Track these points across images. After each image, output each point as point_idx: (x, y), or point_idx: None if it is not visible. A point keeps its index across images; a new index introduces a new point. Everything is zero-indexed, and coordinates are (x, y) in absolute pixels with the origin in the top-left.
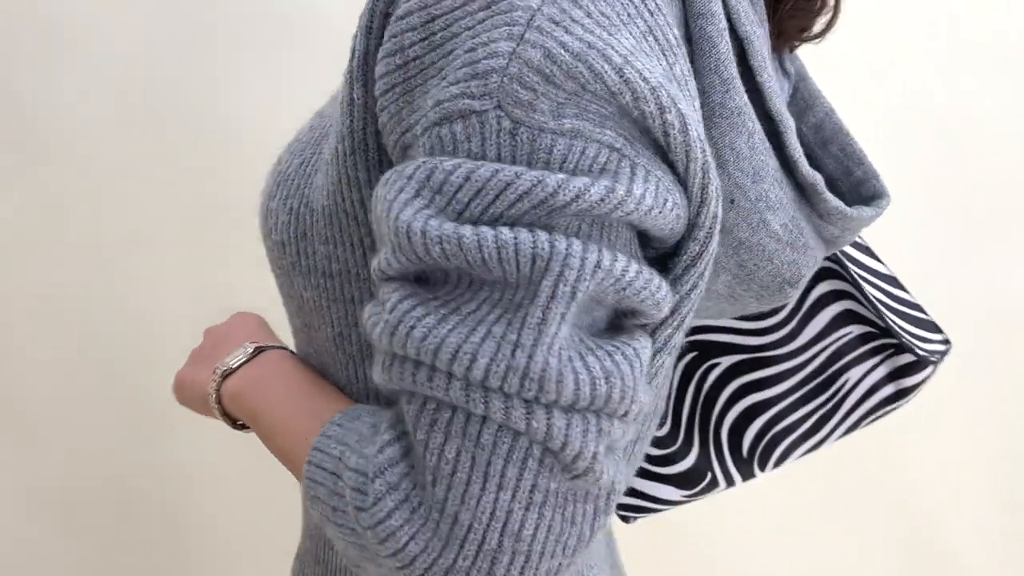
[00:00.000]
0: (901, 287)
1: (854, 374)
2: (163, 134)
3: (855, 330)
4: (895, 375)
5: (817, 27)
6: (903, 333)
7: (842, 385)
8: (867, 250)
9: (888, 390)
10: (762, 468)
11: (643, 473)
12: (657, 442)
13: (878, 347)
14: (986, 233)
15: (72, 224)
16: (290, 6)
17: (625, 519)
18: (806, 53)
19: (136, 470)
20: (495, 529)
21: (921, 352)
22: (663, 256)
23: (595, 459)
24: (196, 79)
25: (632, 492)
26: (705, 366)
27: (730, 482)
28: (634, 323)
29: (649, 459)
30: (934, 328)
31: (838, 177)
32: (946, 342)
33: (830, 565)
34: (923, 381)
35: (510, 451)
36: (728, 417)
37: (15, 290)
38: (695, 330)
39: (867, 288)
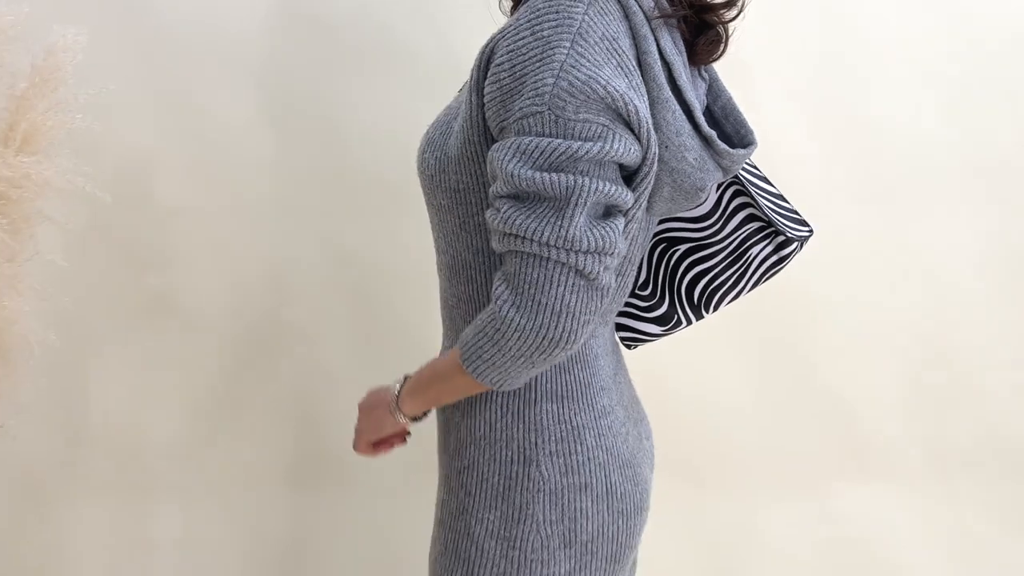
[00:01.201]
0: (785, 200)
1: (755, 251)
2: (300, 134)
3: (755, 225)
4: (777, 249)
5: (715, 56)
6: (780, 222)
7: (748, 257)
8: (765, 179)
9: (773, 259)
10: (707, 311)
11: (636, 317)
12: (644, 299)
13: (767, 234)
14: (887, 193)
15: (229, 195)
16: (393, 43)
17: (628, 346)
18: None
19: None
20: (556, 303)
21: (790, 234)
22: (630, 176)
23: (599, 273)
24: (325, 92)
25: (631, 329)
26: (671, 251)
27: (689, 321)
28: (616, 211)
29: (640, 308)
30: (803, 223)
31: (733, 134)
32: (811, 231)
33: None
34: (792, 253)
35: (561, 272)
36: (685, 280)
37: (190, 248)
38: (664, 230)
39: (762, 200)
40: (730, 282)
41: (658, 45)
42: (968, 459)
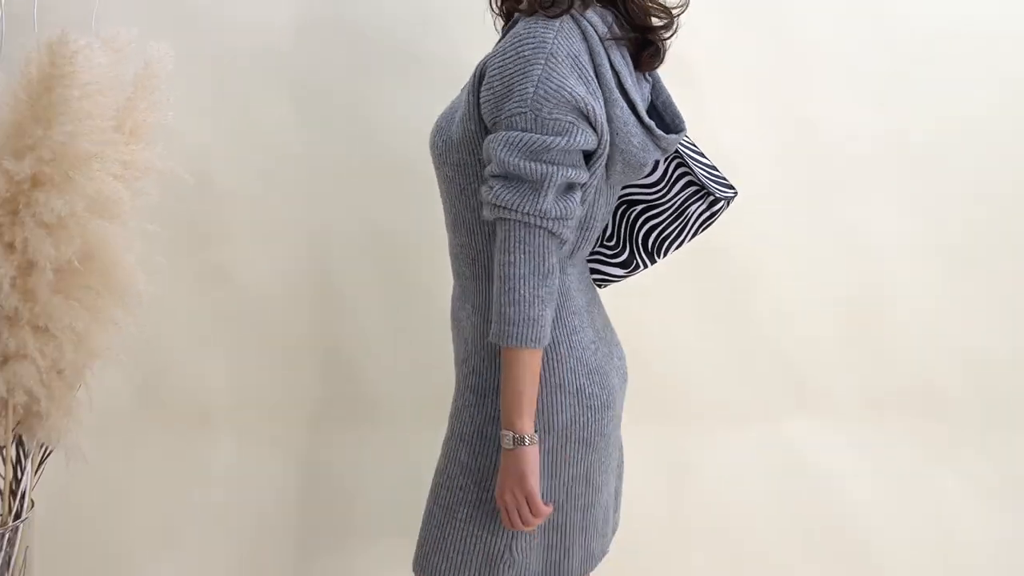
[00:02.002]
0: (716, 169)
1: (692, 208)
2: (335, 127)
3: (692, 189)
4: (709, 207)
5: (656, 65)
6: (711, 186)
7: (687, 214)
8: (701, 153)
9: (706, 215)
10: (658, 256)
11: (604, 262)
12: (610, 248)
13: (702, 195)
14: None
15: (276, 179)
16: (410, 53)
17: (600, 285)
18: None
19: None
20: (540, 248)
21: (719, 195)
22: (590, 155)
23: (563, 234)
24: (346, 91)
25: (600, 272)
26: (629, 211)
27: (645, 265)
28: (575, 187)
29: (607, 256)
30: (730, 187)
31: (670, 123)
32: (735, 192)
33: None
34: (720, 210)
35: (537, 232)
36: (640, 232)
37: (233, 229)
38: (625, 195)
39: (698, 170)
40: (674, 233)
41: (609, 59)
42: (894, 399)
